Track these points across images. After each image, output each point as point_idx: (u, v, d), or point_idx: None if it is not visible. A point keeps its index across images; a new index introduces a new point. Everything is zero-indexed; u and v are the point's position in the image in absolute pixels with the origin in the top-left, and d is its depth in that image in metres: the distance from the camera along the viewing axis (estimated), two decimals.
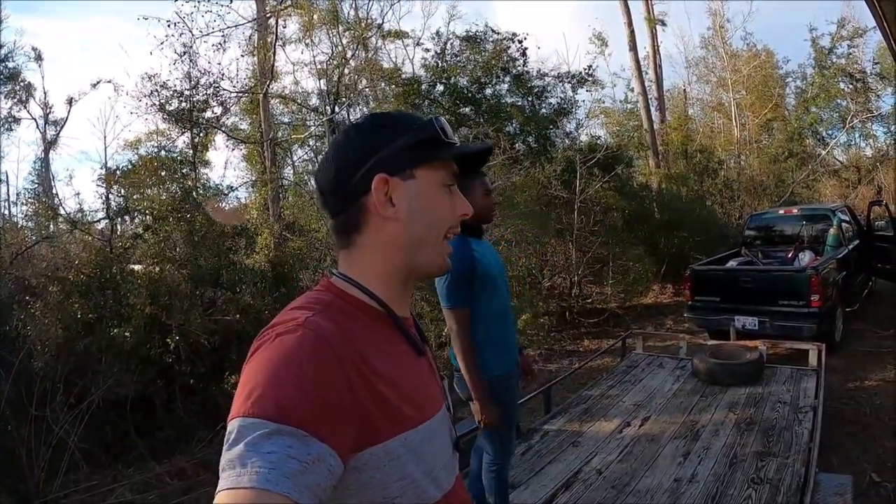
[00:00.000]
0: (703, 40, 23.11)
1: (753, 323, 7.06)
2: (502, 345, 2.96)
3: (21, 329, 5.71)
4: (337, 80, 12.13)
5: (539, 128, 12.92)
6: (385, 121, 1.05)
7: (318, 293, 0.99)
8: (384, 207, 0.98)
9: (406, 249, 1.01)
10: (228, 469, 0.72)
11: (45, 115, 19.91)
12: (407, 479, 0.90)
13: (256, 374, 0.80)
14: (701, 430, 4.43)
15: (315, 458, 0.75)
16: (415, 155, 1.00)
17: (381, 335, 0.97)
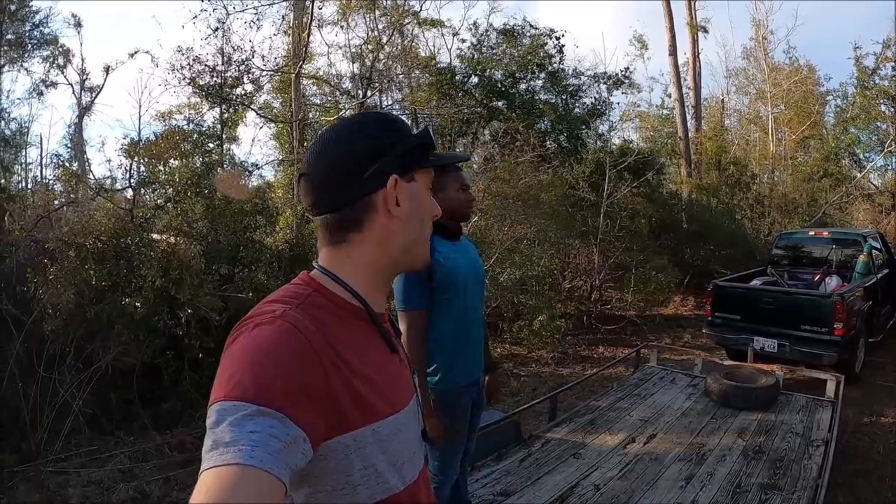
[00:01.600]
0: (744, 50, 22.72)
1: (773, 346, 6.83)
2: (457, 357, 2.74)
3: (34, 291, 5.71)
4: (370, 65, 12.04)
5: (571, 127, 12.74)
6: (388, 123, 1.09)
7: (297, 287, 1.02)
8: (394, 206, 1.02)
9: (402, 246, 1.06)
10: (213, 449, 0.74)
11: (81, 81, 20.05)
12: (370, 469, 0.94)
13: (236, 360, 0.83)
14: (707, 454, 4.26)
15: (293, 439, 0.78)
16: (415, 159, 1.06)
17: (356, 330, 1.00)
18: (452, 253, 2.72)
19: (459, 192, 2.76)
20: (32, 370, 5.33)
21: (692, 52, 18.00)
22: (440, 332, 2.70)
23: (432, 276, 2.64)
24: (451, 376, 2.72)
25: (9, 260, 6.01)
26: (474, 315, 2.81)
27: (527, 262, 9.43)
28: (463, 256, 2.78)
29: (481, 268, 2.94)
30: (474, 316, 2.81)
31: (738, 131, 22.41)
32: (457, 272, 2.69)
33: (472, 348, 2.80)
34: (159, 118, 15.01)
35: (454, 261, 2.70)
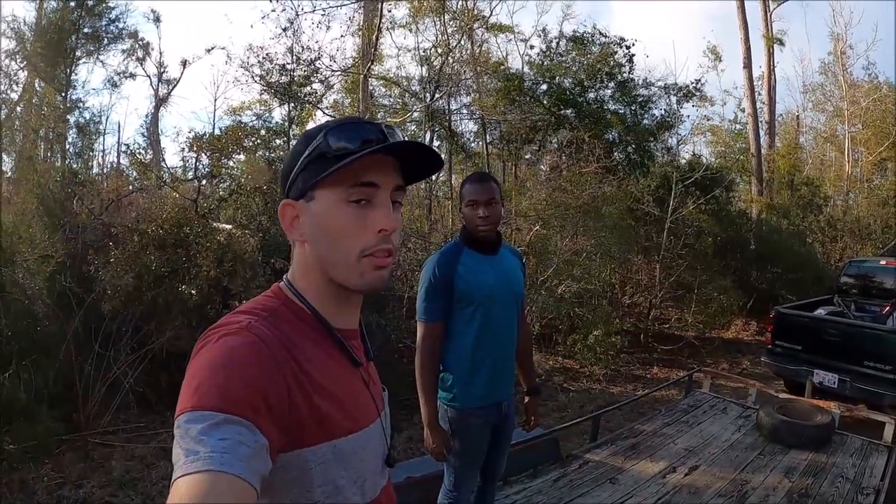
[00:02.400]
0: (822, 66, 21.94)
1: (833, 380, 6.41)
2: (474, 376, 2.63)
3: (96, 272, 5.92)
4: (439, 69, 12.05)
5: (639, 139, 12.49)
6: (301, 139, 1.04)
7: (267, 298, 1.03)
8: (291, 232, 1.03)
9: (323, 267, 1.01)
10: (183, 457, 0.73)
11: (159, 73, 20.74)
12: (331, 485, 0.94)
13: (202, 370, 0.83)
14: (749, 493, 4.01)
15: (260, 447, 0.78)
16: (311, 175, 0.99)
17: (319, 345, 0.99)
18: (480, 266, 2.62)
19: (467, 208, 2.63)
20: (89, 346, 5.54)
21: (767, 65, 17.52)
22: (458, 347, 2.63)
23: (451, 288, 2.57)
24: (465, 395, 2.63)
25: (75, 241, 6.21)
26: (501, 333, 2.68)
27: (586, 274, 9.27)
28: (494, 270, 2.65)
29: (519, 283, 2.78)
30: (501, 334, 2.68)
31: (812, 150, 21.60)
32: (479, 287, 2.59)
33: (494, 368, 2.66)
34: (230, 113, 15.44)
35: (478, 275, 2.60)
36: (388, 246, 1.00)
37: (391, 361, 6.57)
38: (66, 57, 15.72)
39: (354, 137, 0.96)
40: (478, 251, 2.64)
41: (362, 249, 0.98)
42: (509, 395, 2.78)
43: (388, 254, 1.00)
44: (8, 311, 5.52)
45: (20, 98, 15.84)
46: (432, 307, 2.58)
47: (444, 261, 2.59)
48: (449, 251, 2.65)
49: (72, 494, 4.47)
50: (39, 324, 5.75)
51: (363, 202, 0.98)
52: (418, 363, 2.59)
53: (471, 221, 2.62)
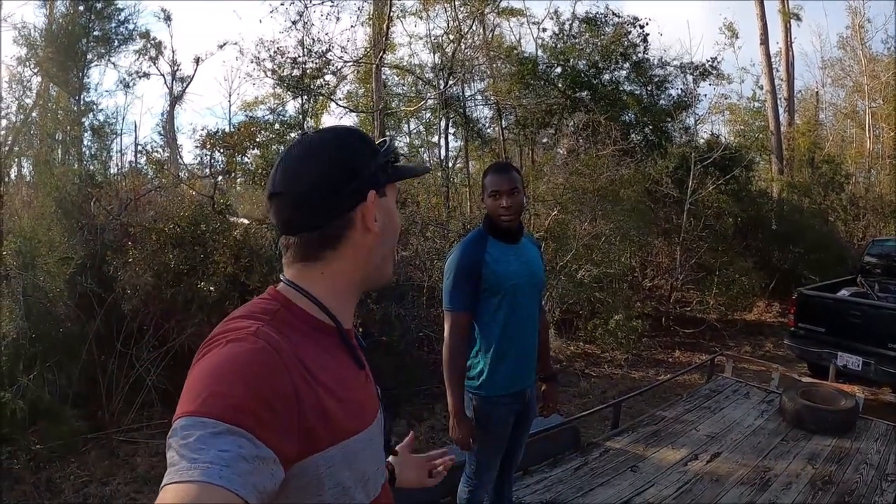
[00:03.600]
0: (840, 40, 21.43)
1: (857, 363, 6.29)
2: (500, 364, 2.64)
3: (114, 272, 5.98)
4: (451, 55, 11.98)
5: (656, 120, 12.33)
6: (360, 139, 1.08)
7: (265, 302, 1.00)
8: (372, 222, 1.02)
9: (374, 262, 1.06)
10: (179, 463, 0.72)
11: (172, 71, 20.82)
12: (339, 487, 0.93)
13: (207, 375, 0.81)
14: (772, 480, 3.97)
15: (262, 460, 0.76)
16: (384, 173, 1.04)
17: (323, 347, 0.99)
18: (505, 255, 2.64)
19: (489, 199, 2.65)
20: (111, 345, 5.61)
21: (785, 41, 17.15)
22: (485, 336, 2.64)
23: (479, 276, 2.57)
24: (492, 383, 2.65)
25: (94, 242, 6.26)
26: (525, 322, 2.70)
27: (605, 259, 9.20)
28: (518, 259, 2.67)
29: (540, 272, 2.80)
30: (525, 322, 2.70)
31: (833, 126, 21.17)
32: (506, 275, 2.60)
33: (519, 356, 2.68)
34: (244, 108, 15.50)
35: (505, 264, 2.62)
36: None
37: (412, 351, 6.57)
38: (77, 61, 15.87)
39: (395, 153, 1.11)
40: (501, 240, 2.65)
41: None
42: (532, 384, 2.80)
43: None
44: (30, 314, 5.60)
45: (35, 104, 16.01)
46: (460, 297, 2.59)
47: (470, 250, 2.62)
48: (474, 240, 2.67)
49: (98, 492, 4.53)
50: (61, 325, 5.82)
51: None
52: (446, 353, 2.61)
53: (494, 212, 2.64)
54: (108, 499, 4.44)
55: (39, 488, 4.52)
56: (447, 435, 5.49)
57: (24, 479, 4.60)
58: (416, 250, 8.37)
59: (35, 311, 5.70)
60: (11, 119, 15.23)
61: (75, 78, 16.10)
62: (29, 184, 12.32)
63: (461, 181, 14.16)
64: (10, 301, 5.67)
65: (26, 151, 15.18)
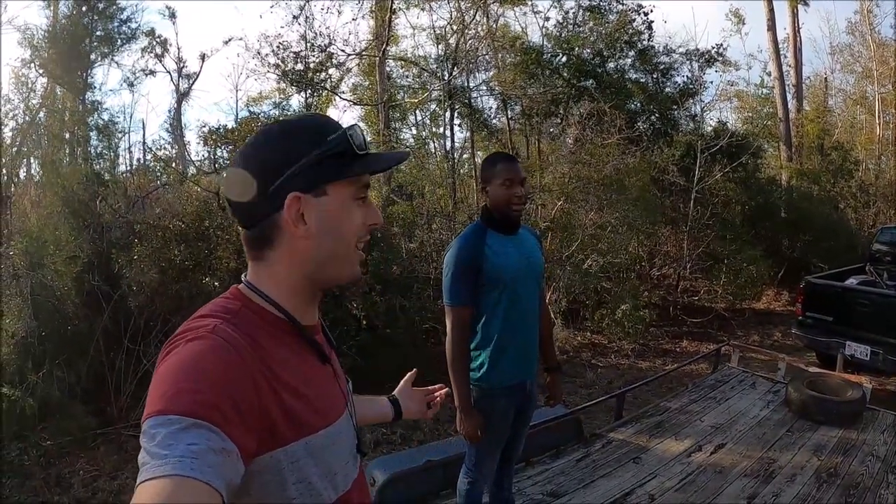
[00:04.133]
0: (849, 25, 21.09)
1: (864, 353, 6.18)
2: (501, 356, 2.63)
3: (122, 270, 6.03)
4: (455, 46, 11.95)
5: (662, 107, 12.27)
6: (297, 131, 1.02)
7: (227, 301, 1.00)
8: (296, 226, 0.98)
9: (315, 263, 1.02)
10: (150, 461, 0.72)
11: (178, 68, 20.86)
12: (304, 482, 0.94)
13: (170, 375, 0.82)
14: (776, 472, 3.93)
15: (228, 453, 0.77)
16: (326, 171, 0.99)
17: (284, 344, 0.99)
18: (504, 247, 2.62)
19: (501, 187, 2.61)
20: (119, 341, 5.67)
21: (792, 26, 17.02)
22: (486, 328, 2.62)
23: (480, 269, 2.55)
24: (492, 376, 2.64)
25: (100, 241, 6.31)
26: (525, 313, 2.68)
27: (612, 248, 9.17)
28: (517, 251, 2.66)
29: (539, 263, 2.78)
30: (525, 314, 2.68)
31: (842, 113, 20.89)
32: (506, 267, 2.59)
33: (519, 348, 2.67)
34: (249, 104, 15.55)
35: (504, 256, 2.60)
36: (368, 237, 1.08)
37: (416, 343, 6.59)
38: (81, 61, 15.95)
39: (363, 139, 1.03)
40: (500, 232, 2.65)
41: (357, 241, 1.05)
42: (533, 375, 2.78)
43: (367, 245, 1.09)
44: (38, 313, 5.65)
45: (41, 105, 16.10)
46: (461, 291, 2.58)
47: (470, 244, 2.60)
48: (473, 234, 2.64)
49: (107, 486, 4.58)
50: (69, 323, 5.87)
51: (362, 200, 1.05)
52: (450, 348, 2.59)
53: (505, 200, 2.61)
54: (116, 493, 4.49)
55: (49, 483, 4.58)
56: (452, 426, 5.52)
57: (35, 474, 4.65)
58: (422, 242, 8.39)
59: (43, 309, 5.76)
60: (18, 120, 15.31)
61: (79, 78, 16.17)
62: (37, 184, 12.44)
63: (468, 172, 14.15)
64: (19, 300, 5.74)
65: (34, 152, 15.28)
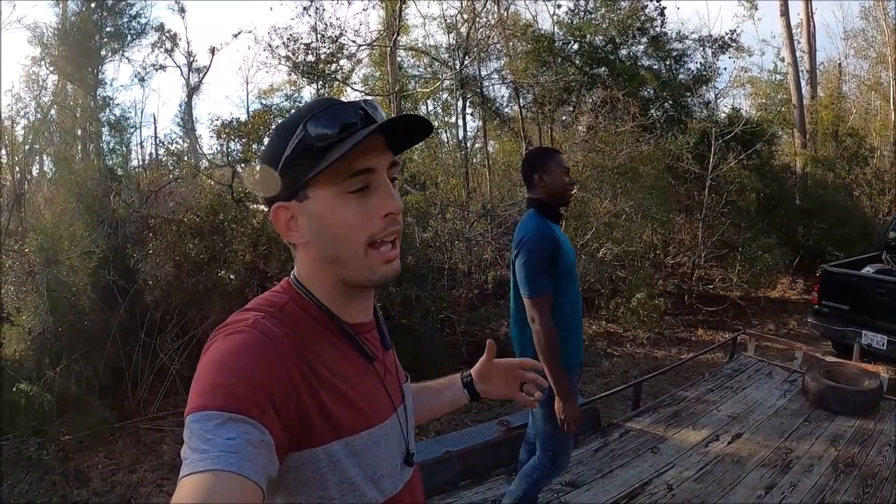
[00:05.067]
0: (862, 10, 20.73)
1: (881, 342, 6.09)
2: (570, 339, 2.71)
3: (137, 265, 6.05)
4: (466, 35, 11.89)
5: (675, 94, 12.16)
6: (277, 132, 0.96)
7: (274, 294, 1.00)
8: (289, 235, 0.98)
9: (330, 267, 0.98)
10: (191, 456, 0.73)
11: (189, 63, 20.93)
12: (346, 483, 0.92)
13: (208, 370, 0.82)
14: (794, 462, 3.92)
15: (266, 445, 0.77)
16: (298, 172, 0.93)
17: (328, 341, 0.97)
18: (563, 236, 2.74)
19: (562, 175, 2.73)
20: (135, 336, 5.70)
21: (806, 11, 16.73)
22: (560, 313, 2.67)
23: (557, 258, 2.63)
24: (567, 357, 2.69)
25: (115, 236, 6.32)
26: (580, 297, 2.82)
27: (626, 237, 9.11)
28: (567, 239, 2.78)
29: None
30: (580, 298, 2.83)
31: (856, 99, 20.56)
32: (570, 255, 2.71)
33: (580, 329, 2.84)
34: (260, 96, 15.57)
35: (567, 243, 2.73)
36: (395, 228, 0.97)
37: (432, 333, 6.58)
38: (91, 57, 16.02)
39: (333, 123, 0.90)
40: (555, 221, 2.76)
41: (369, 238, 0.94)
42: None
43: (394, 240, 0.98)
44: (55, 309, 5.68)
45: (52, 102, 16.18)
46: (545, 281, 2.61)
47: (548, 235, 2.64)
48: (545, 224, 2.69)
49: (125, 479, 4.61)
50: (86, 318, 5.90)
51: (363, 189, 0.93)
52: (543, 338, 2.59)
53: (565, 189, 2.77)
54: (135, 486, 4.52)
55: (68, 478, 4.61)
56: (468, 416, 5.52)
57: (54, 469, 4.69)
58: (436, 232, 8.36)
59: (59, 305, 5.78)
60: (30, 118, 15.40)
61: (90, 75, 16.25)
62: (50, 181, 12.51)
63: (480, 161, 14.11)
64: (35, 296, 5.76)
65: (46, 149, 15.37)
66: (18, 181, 12.68)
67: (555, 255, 2.61)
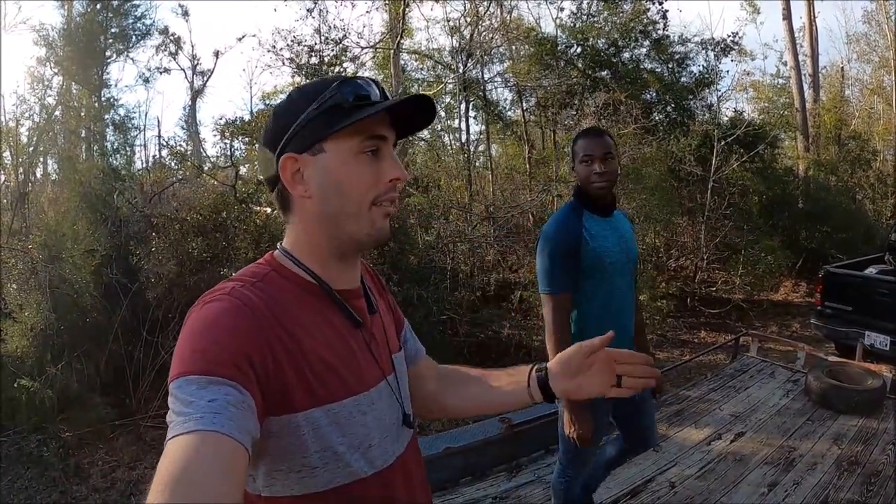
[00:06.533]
0: (865, 14, 20.76)
1: (884, 342, 6.07)
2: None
3: (140, 263, 6.06)
4: (469, 38, 11.90)
5: (677, 97, 12.16)
6: (297, 94, 1.01)
7: (258, 266, 1.03)
8: (294, 187, 0.99)
9: (326, 224, 1.00)
10: (175, 418, 0.76)
11: (192, 66, 21.04)
12: (329, 451, 0.93)
13: (185, 339, 0.85)
14: (797, 460, 3.89)
15: (247, 406, 0.80)
16: (321, 127, 0.96)
17: (312, 308, 0.98)
18: (602, 230, 2.43)
19: (581, 164, 2.42)
20: (137, 333, 5.71)
21: (808, 15, 16.72)
22: (583, 315, 2.44)
23: (579, 253, 2.37)
24: None
25: (118, 235, 6.33)
26: (623, 301, 2.50)
27: None
28: (614, 234, 2.46)
29: (634, 249, 2.57)
30: (623, 302, 2.50)
31: (859, 102, 20.55)
32: (604, 251, 2.40)
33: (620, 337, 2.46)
34: (264, 98, 15.62)
35: (602, 239, 2.41)
36: (395, 194, 1.02)
37: (434, 334, 6.57)
38: (96, 58, 16.09)
39: (369, 87, 0.98)
40: (597, 214, 2.45)
41: (375, 198, 0.99)
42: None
43: (393, 201, 1.02)
44: (57, 306, 5.69)
45: (57, 102, 16.24)
46: (559, 277, 2.37)
47: (567, 225, 2.40)
48: (570, 216, 2.43)
49: (125, 476, 4.61)
50: (88, 315, 5.91)
51: (375, 153, 0.99)
52: (552, 340, 2.37)
53: (585, 178, 2.41)
54: (135, 483, 4.52)
55: (68, 474, 4.61)
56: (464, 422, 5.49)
57: (54, 465, 4.69)
58: (439, 234, 8.36)
59: (62, 302, 5.80)
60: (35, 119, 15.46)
61: (95, 75, 16.31)
62: (54, 181, 12.54)
63: (483, 164, 14.12)
64: (38, 293, 5.77)
65: (50, 150, 15.42)
66: (22, 181, 12.74)
67: (573, 249, 2.35)
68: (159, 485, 0.67)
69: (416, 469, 1.12)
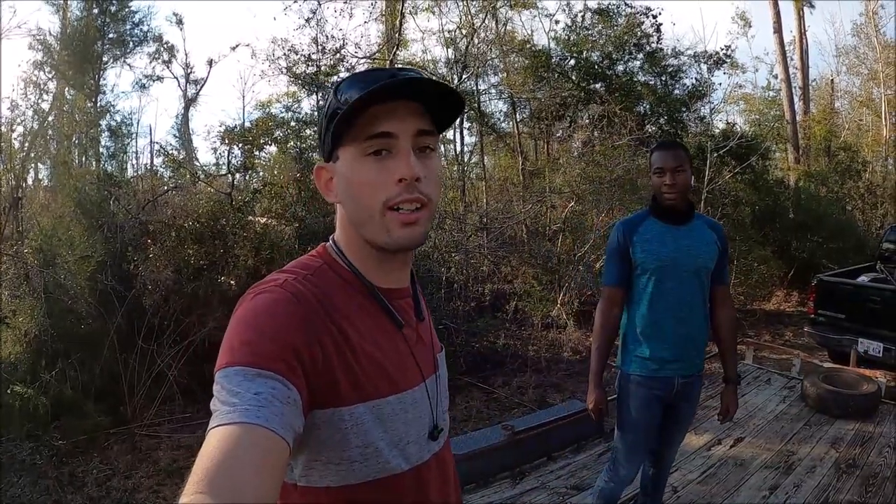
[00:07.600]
0: (854, 27, 21.11)
1: (878, 349, 6.14)
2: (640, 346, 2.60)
3: (134, 269, 6.02)
4: (464, 50, 11.95)
5: (671, 109, 12.24)
6: (324, 101, 1.02)
7: (310, 258, 1.03)
8: (327, 194, 1.02)
9: (354, 227, 0.99)
10: (219, 408, 0.75)
11: (186, 74, 20.98)
12: (370, 447, 0.93)
13: (235, 328, 0.85)
14: (796, 464, 3.96)
15: (293, 401, 0.79)
16: (331, 135, 0.96)
17: (359, 305, 0.98)
18: (660, 236, 2.58)
19: (654, 176, 2.59)
20: (132, 341, 5.65)
21: (798, 29, 16.98)
22: (632, 315, 2.66)
23: (625, 256, 2.61)
24: (629, 362, 2.65)
25: (114, 241, 6.30)
26: (677, 306, 2.58)
27: None
28: (675, 241, 2.56)
29: (704, 257, 2.62)
30: (677, 307, 2.58)
31: (848, 115, 20.80)
32: (653, 256, 2.56)
33: (666, 341, 2.58)
34: (259, 107, 15.61)
35: (656, 244, 2.57)
36: (412, 195, 0.93)
37: None
38: (93, 63, 16.01)
39: (360, 87, 0.90)
40: (663, 221, 2.61)
41: (385, 202, 0.93)
42: (687, 375, 2.66)
43: (415, 205, 0.94)
44: (52, 312, 5.64)
45: (52, 107, 16.14)
46: (609, 271, 2.68)
47: (624, 229, 2.63)
48: (632, 220, 2.68)
49: (120, 485, 4.55)
50: (83, 322, 5.87)
51: (383, 153, 0.93)
52: (595, 323, 2.71)
53: (657, 189, 2.59)
54: (130, 492, 4.46)
55: (62, 482, 4.54)
56: (468, 423, 5.49)
57: (47, 473, 4.62)
58: (435, 243, 8.36)
59: (56, 308, 5.76)
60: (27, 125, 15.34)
61: (91, 80, 16.24)
62: (46, 188, 12.45)
63: (477, 176, 14.15)
64: (32, 299, 5.72)
65: (42, 156, 15.30)
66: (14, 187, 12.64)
67: (621, 249, 2.60)
68: (198, 473, 0.67)
69: (450, 468, 1.14)
